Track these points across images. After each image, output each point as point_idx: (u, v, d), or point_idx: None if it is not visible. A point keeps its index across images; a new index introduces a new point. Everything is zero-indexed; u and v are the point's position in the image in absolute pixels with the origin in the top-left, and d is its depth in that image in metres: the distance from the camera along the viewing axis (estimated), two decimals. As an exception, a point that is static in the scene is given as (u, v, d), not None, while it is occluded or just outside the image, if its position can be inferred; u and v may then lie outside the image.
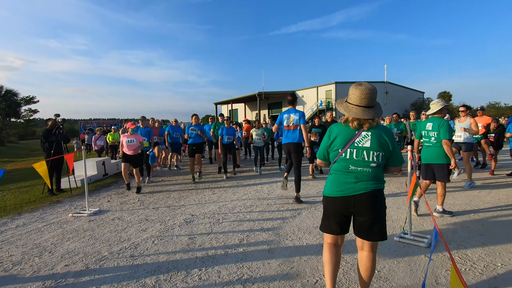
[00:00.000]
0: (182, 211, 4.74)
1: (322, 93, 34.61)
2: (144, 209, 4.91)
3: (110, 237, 3.71)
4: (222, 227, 3.95)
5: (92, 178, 7.79)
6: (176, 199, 5.57)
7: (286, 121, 5.03)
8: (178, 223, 4.15)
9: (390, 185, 6.15)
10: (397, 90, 39.46)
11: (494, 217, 4.06)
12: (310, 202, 5.03)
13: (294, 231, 3.74)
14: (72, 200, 5.79)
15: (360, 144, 1.99)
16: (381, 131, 2.00)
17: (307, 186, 6.30)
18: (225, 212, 4.58)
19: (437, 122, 4.02)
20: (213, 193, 5.97)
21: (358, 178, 2.00)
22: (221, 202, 5.20)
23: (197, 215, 4.50)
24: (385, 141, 1.99)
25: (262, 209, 4.72)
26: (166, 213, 4.66)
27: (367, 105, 1.98)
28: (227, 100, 42.81)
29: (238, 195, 5.67)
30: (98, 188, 6.80)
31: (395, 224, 3.88)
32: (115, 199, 5.71)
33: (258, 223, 4.06)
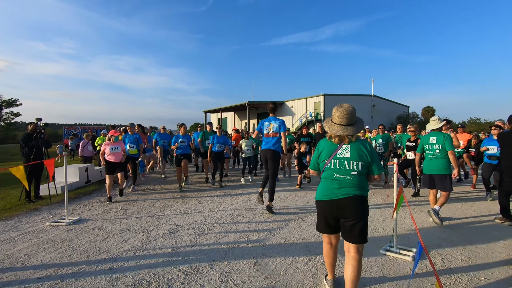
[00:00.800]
0: (167, 221, 4.61)
1: (311, 104, 35.10)
2: (127, 219, 4.74)
3: (89, 248, 3.54)
4: (207, 238, 3.84)
5: (73, 185, 7.51)
6: (161, 208, 5.42)
7: (266, 128, 5.09)
8: (161, 233, 4.01)
9: (376, 197, 6.20)
10: (384, 103, 40.51)
11: (476, 231, 4.13)
12: (297, 213, 4.99)
13: (280, 243, 3.68)
14: (50, 208, 5.54)
15: (342, 155, 2.31)
16: (359, 144, 2.31)
17: (295, 197, 6.27)
18: (211, 223, 4.48)
19: (442, 136, 4.48)
20: (199, 202, 5.85)
21: (341, 185, 2.30)
22: (207, 212, 5.09)
23: (182, 225, 4.38)
24: (363, 152, 2.28)
25: (249, 219, 4.65)
26: (150, 222, 4.51)
27: (346, 123, 2.31)
28: (216, 109, 42.76)
29: (225, 205, 5.57)
30: (79, 196, 6.55)
31: (381, 237, 3.88)
32: (96, 208, 5.51)
33: (244, 234, 3.98)
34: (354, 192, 2.26)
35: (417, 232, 1.86)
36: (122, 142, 6.33)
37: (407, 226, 4.26)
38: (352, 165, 2.27)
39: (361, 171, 2.27)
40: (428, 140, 4.60)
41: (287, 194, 6.45)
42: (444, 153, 4.42)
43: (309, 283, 2.73)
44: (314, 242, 3.71)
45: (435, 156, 4.51)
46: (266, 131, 5.09)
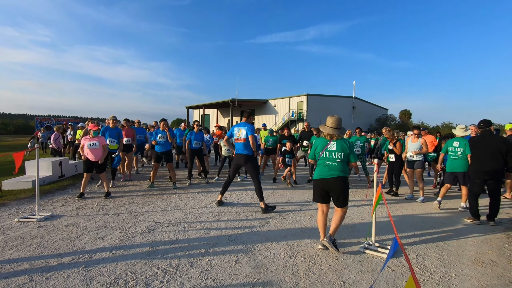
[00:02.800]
0: (145, 217, 4.48)
1: (294, 104, 35.43)
2: (103, 215, 4.57)
3: (61, 245, 3.37)
4: (187, 235, 3.77)
5: (46, 179, 7.14)
6: (140, 205, 5.27)
7: (236, 134, 5.20)
8: (140, 230, 3.90)
9: (355, 196, 6.35)
10: (364, 105, 41.59)
11: (448, 229, 4.32)
12: (278, 211, 5.01)
13: (261, 240, 3.68)
14: (19, 203, 5.23)
15: (330, 148, 3.39)
16: (342, 141, 3.41)
17: (276, 195, 6.30)
18: (192, 220, 4.40)
19: (463, 141, 5.35)
20: (180, 199, 5.74)
21: (330, 169, 3.37)
22: (188, 209, 5.00)
23: (162, 222, 4.27)
24: (344, 146, 3.36)
25: (230, 217, 4.61)
26: (128, 219, 4.37)
27: (335, 127, 3.42)
28: (199, 105, 42.18)
29: (206, 202, 5.50)
30: (52, 191, 6.24)
31: (360, 235, 3.98)
32: (70, 204, 5.26)
33: (225, 231, 3.94)
34: (338, 173, 3.32)
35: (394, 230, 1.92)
36: (102, 137, 6.04)
37: (385, 225, 4.39)
38: (337, 155, 3.33)
39: (343, 159, 3.32)
40: (452, 144, 5.45)
41: (269, 192, 6.46)
42: (465, 155, 5.26)
43: (290, 281, 2.74)
44: (294, 239, 3.74)
45: (457, 157, 5.35)
46: (236, 136, 5.20)
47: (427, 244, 3.71)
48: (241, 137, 5.10)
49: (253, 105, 39.86)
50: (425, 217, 4.91)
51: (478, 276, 2.95)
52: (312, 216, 4.79)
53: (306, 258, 3.21)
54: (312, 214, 4.91)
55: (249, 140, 5.04)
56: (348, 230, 4.16)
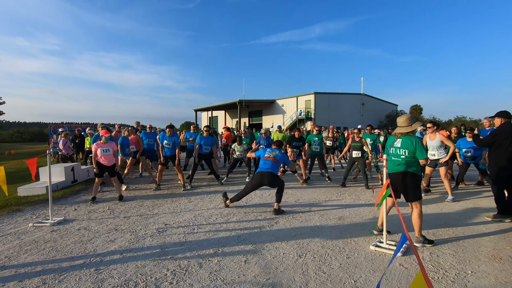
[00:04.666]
0: (155, 220, 4.52)
1: (302, 103, 35.24)
2: (114, 218, 4.63)
3: (73, 248, 3.43)
4: (196, 236, 3.78)
5: (59, 185, 7.30)
6: (150, 207, 5.32)
7: (268, 153, 5.18)
8: (150, 233, 3.93)
9: (366, 194, 6.25)
10: (373, 102, 41.03)
11: (463, 226, 4.20)
12: (288, 211, 4.98)
13: (271, 240, 3.66)
14: (34, 208, 5.36)
15: (396, 145, 3.60)
16: (408, 139, 3.50)
17: (285, 194, 6.24)
18: (201, 222, 4.41)
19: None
20: (189, 201, 5.77)
21: (395, 164, 3.56)
22: (197, 211, 5.02)
23: (171, 224, 4.30)
24: (409, 143, 3.46)
25: (239, 218, 4.60)
26: (138, 222, 4.42)
27: (399, 125, 3.63)
28: (207, 107, 42.44)
29: (215, 203, 5.51)
30: (65, 196, 6.37)
31: (369, 232, 3.90)
32: (82, 208, 5.36)
33: (234, 232, 3.94)
34: (402, 169, 3.46)
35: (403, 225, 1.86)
36: (113, 143, 6.12)
37: (397, 222, 4.30)
38: (401, 151, 3.50)
39: (407, 156, 3.44)
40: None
41: (278, 192, 6.42)
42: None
43: (300, 280, 2.71)
44: (304, 238, 3.70)
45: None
46: (267, 154, 5.17)
47: (441, 241, 3.60)
48: (275, 157, 5.09)
49: (260, 105, 39.85)
50: (438, 214, 4.78)
51: (495, 272, 2.84)
52: (322, 215, 4.74)
53: (316, 257, 3.17)
54: (321, 213, 4.85)
55: (280, 163, 5.12)
56: (358, 227, 4.09)
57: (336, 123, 32.71)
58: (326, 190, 6.73)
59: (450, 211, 4.95)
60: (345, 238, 3.71)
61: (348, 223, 4.31)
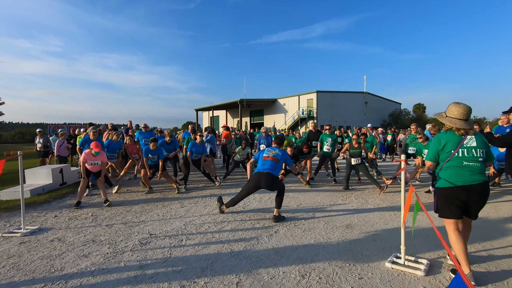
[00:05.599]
0: (141, 229, 4.03)
1: (304, 102, 34.67)
2: (95, 227, 4.15)
3: (38, 266, 2.94)
4: (183, 250, 3.28)
5: (45, 188, 6.85)
6: (137, 213, 4.84)
7: (267, 153, 4.63)
8: (131, 245, 3.44)
9: (373, 197, 5.73)
10: (376, 100, 40.39)
11: (490, 237, 3.67)
12: (289, 217, 4.47)
13: (269, 255, 3.15)
14: (12, 215, 4.89)
15: (468, 145, 2.59)
16: (480, 135, 2.65)
17: (287, 197, 5.74)
18: (191, 231, 3.92)
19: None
20: (182, 206, 5.28)
21: (473, 171, 2.55)
22: (189, 218, 4.53)
23: (157, 234, 3.81)
24: (485, 141, 2.64)
25: (234, 226, 4.11)
26: (120, 231, 3.93)
27: (467, 118, 2.63)
28: (208, 107, 41.97)
29: (209, 209, 5.02)
30: (49, 200, 5.90)
31: (385, 244, 3.40)
32: (64, 214, 4.88)
33: (227, 245, 3.44)
34: (483, 178, 2.55)
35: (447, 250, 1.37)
36: (104, 154, 5.62)
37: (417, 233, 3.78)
38: (479, 153, 2.57)
39: (485, 157, 2.59)
40: None
41: (279, 195, 5.92)
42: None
43: (303, 310, 2.21)
44: (307, 252, 3.20)
45: None
46: (266, 154, 4.62)
47: (480, 259, 3.08)
48: (274, 156, 4.53)
49: (262, 105, 39.34)
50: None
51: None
52: (327, 222, 4.24)
53: (322, 277, 2.67)
54: (326, 220, 4.35)
55: (281, 163, 4.54)
56: (370, 238, 3.59)
57: (339, 122, 32.12)
58: (330, 193, 6.22)
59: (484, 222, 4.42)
60: (355, 252, 3.21)
61: (358, 233, 3.80)
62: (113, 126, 9.16)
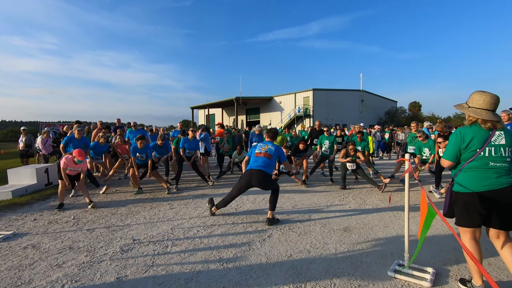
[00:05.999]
0: (124, 233, 3.75)
1: (300, 100, 34.45)
2: (76, 231, 3.86)
3: (4, 278, 2.65)
4: (168, 258, 3.01)
5: (29, 188, 6.53)
6: (123, 215, 4.55)
7: (260, 148, 4.33)
8: (110, 253, 3.16)
9: (372, 197, 5.51)
10: (372, 98, 40.31)
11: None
12: (284, 219, 4.22)
13: (261, 263, 2.90)
14: (-12, 218, 4.57)
15: (497, 142, 2.19)
16: (509, 131, 2.24)
17: (282, 198, 5.50)
18: (178, 236, 3.65)
19: None
20: (171, 207, 5.01)
21: (499, 173, 2.17)
22: (177, 221, 4.26)
23: (141, 239, 3.53)
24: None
25: (225, 230, 3.84)
26: (102, 237, 3.65)
27: (495, 109, 2.22)
28: (204, 105, 41.57)
29: (200, 211, 4.75)
30: (31, 202, 5.58)
31: (386, 250, 3.16)
32: (44, 217, 4.58)
33: (216, 251, 3.17)
34: (511, 180, 2.17)
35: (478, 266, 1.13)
36: (85, 163, 5.27)
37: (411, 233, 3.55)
38: (508, 152, 2.18)
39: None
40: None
41: (273, 196, 5.67)
42: None
43: (297, 329, 1.96)
44: (303, 259, 2.95)
45: None
46: (258, 150, 4.31)
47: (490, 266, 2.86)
48: (267, 152, 4.22)
49: (258, 102, 39.07)
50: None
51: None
52: (324, 224, 3.99)
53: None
54: (323, 222, 4.10)
55: (274, 159, 4.23)
56: (369, 243, 3.35)
57: (335, 120, 31.97)
58: (327, 193, 5.98)
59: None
60: (354, 259, 2.96)
61: (356, 236, 3.56)
62: (103, 124, 8.82)
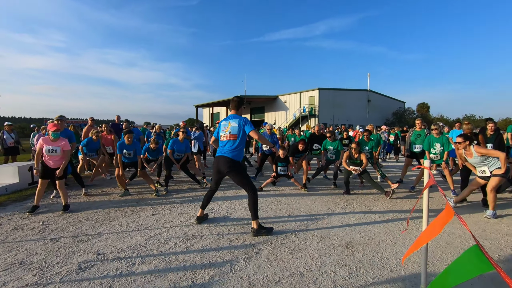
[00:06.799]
0: (90, 245, 3.25)
1: (306, 99, 33.78)
2: (37, 241, 3.37)
3: None
4: (129, 282, 2.49)
5: (9, 188, 6.11)
6: (98, 222, 4.06)
7: (223, 130, 3.74)
8: (64, 271, 2.65)
9: (378, 205, 4.92)
10: (379, 99, 39.43)
11: (529, 263, 2.85)
12: (276, 232, 3.67)
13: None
14: (-50, 222, 4.12)
15: None
16: None
17: (278, 204, 4.95)
18: (151, 250, 3.13)
19: None
20: (154, 213, 4.50)
21: None
22: (156, 230, 3.74)
23: (106, 254, 3.02)
24: None
25: (207, 243, 3.31)
26: (63, 249, 3.15)
27: None
28: (208, 103, 41.17)
29: (185, 218, 4.24)
30: (6, 203, 5.14)
31: (396, 275, 2.59)
32: (13, 221, 4.12)
33: (190, 273, 2.64)
34: None
35: None
36: (65, 140, 4.78)
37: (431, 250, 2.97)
38: None
39: None
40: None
41: (269, 202, 5.13)
42: None
43: None
44: (293, 286, 2.40)
45: None
46: (222, 133, 3.73)
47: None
48: (230, 133, 3.64)
49: (262, 101, 38.52)
50: (483, 237, 3.44)
51: None
52: (323, 238, 3.43)
53: (309, 333, 1.87)
54: (322, 235, 3.54)
55: (240, 138, 3.61)
56: (375, 265, 2.78)
57: (341, 120, 31.23)
58: (329, 198, 5.42)
59: (497, 233, 3.60)
60: (357, 286, 2.41)
61: (360, 255, 2.99)
62: (93, 120, 8.39)
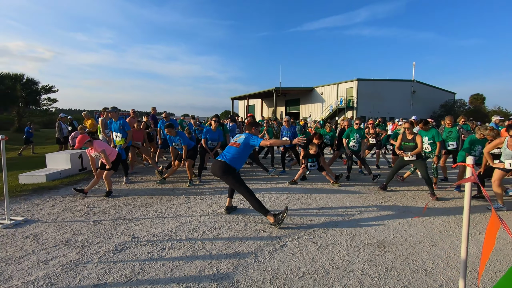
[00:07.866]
0: (127, 228, 3.49)
1: (343, 91, 32.46)
2: (82, 222, 3.71)
3: (-13, 272, 2.51)
4: (158, 266, 2.63)
5: (63, 173, 6.78)
6: (135, 208, 4.34)
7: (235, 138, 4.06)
8: (103, 251, 2.88)
9: (418, 204, 4.58)
10: (425, 89, 36.50)
11: None
12: (304, 224, 3.61)
13: (264, 282, 2.36)
14: (14, 200, 4.69)
15: None
16: None
17: (308, 198, 4.86)
18: (180, 237, 3.26)
19: None
20: (186, 201, 4.69)
21: None
22: (187, 218, 3.90)
23: (140, 237, 3.22)
24: None
25: (234, 233, 3.37)
26: (103, 231, 3.42)
27: None
28: (243, 96, 41.51)
29: (214, 207, 4.35)
30: (59, 187, 5.71)
31: (431, 281, 2.40)
32: (64, 203, 4.57)
33: (215, 261, 2.71)
34: None
35: None
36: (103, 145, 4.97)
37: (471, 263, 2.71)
38: None
39: None
40: None
41: (299, 195, 5.06)
42: None
43: None
44: (317, 283, 2.35)
45: None
46: (232, 140, 4.07)
47: None
48: (237, 141, 3.89)
49: (297, 93, 37.84)
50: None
51: None
52: (352, 236, 3.30)
53: (330, 332, 1.82)
54: (352, 232, 3.41)
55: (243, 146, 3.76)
56: (409, 267, 2.60)
57: (381, 113, 29.54)
58: (363, 195, 5.18)
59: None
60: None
61: (392, 256, 2.83)
62: (135, 112, 8.88)
